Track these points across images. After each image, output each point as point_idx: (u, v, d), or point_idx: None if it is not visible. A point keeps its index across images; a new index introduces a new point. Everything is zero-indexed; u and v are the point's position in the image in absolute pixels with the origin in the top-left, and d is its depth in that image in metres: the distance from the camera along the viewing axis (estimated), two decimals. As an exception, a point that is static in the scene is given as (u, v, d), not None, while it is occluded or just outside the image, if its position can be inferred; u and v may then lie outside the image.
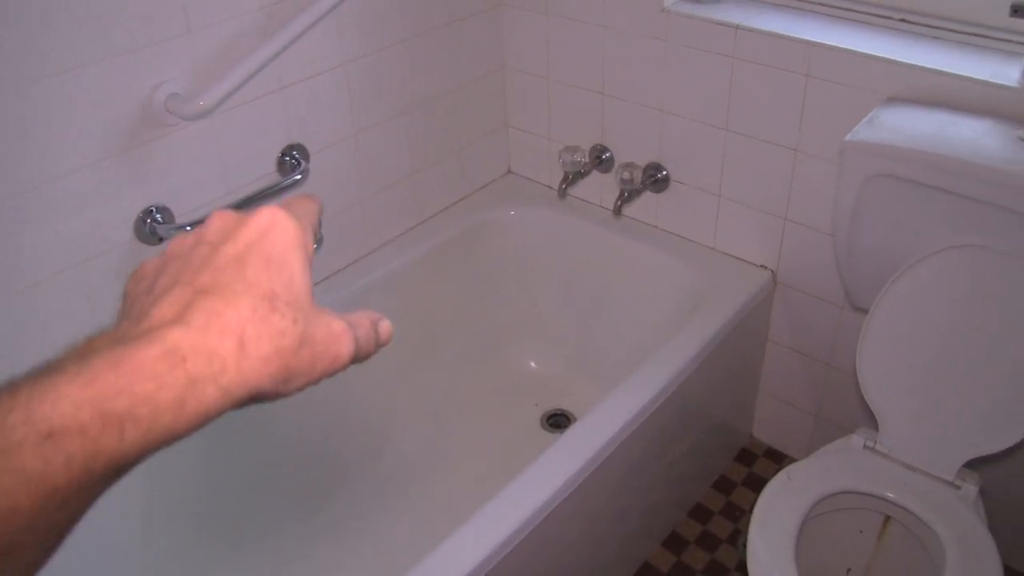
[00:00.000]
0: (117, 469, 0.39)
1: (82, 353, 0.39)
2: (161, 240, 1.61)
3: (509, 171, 2.44)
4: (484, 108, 2.27)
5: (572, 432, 1.62)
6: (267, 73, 1.66)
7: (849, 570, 1.75)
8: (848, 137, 1.52)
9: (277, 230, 0.45)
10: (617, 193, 2.11)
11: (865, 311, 1.66)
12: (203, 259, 0.44)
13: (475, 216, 2.27)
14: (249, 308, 0.41)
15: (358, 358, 0.48)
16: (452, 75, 2.13)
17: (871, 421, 1.68)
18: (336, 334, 0.45)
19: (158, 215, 1.59)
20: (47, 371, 0.38)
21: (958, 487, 1.57)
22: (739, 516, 2.14)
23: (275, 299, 0.42)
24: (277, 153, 1.78)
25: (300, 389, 0.45)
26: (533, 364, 2.42)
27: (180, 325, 0.40)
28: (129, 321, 0.42)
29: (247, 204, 1.67)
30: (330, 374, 0.46)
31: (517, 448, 2.02)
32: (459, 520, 1.45)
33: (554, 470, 1.54)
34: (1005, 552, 1.57)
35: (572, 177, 2.18)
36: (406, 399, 2.19)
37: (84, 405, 0.37)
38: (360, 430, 2.09)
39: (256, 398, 0.42)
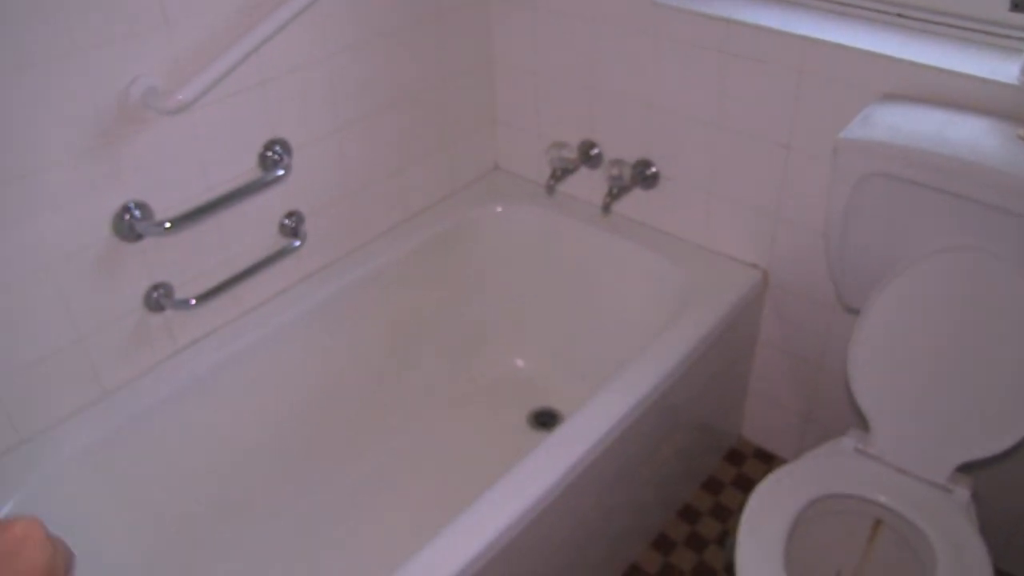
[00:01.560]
0: None
1: None
2: (140, 237, 1.57)
3: (496, 167, 2.41)
4: (471, 103, 2.24)
5: (560, 432, 1.59)
6: (247, 67, 1.63)
7: (839, 573, 1.73)
8: (842, 135, 1.49)
9: (33, 548, 0.45)
10: (606, 190, 2.08)
11: (857, 312, 1.64)
12: None
13: (461, 213, 2.24)
14: None
15: None
16: (438, 69, 2.09)
17: (862, 423, 1.66)
18: None
19: (136, 211, 1.55)
20: None
21: (950, 491, 1.55)
22: (727, 517, 2.12)
23: None
24: (259, 148, 1.74)
25: None
26: (520, 362, 2.39)
27: None
28: None
29: (229, 201, 1.64)
30: None
31: (504, 447, 1.99)
32: (446, 520, 1.42)
33: (542, 470, 1.51)
34: (997, 556, 1.55)
35: (560, 173, 2.15)
36: (390, 397, 2.16)
37: None
38: (343, 428, 2.06)
39: None
